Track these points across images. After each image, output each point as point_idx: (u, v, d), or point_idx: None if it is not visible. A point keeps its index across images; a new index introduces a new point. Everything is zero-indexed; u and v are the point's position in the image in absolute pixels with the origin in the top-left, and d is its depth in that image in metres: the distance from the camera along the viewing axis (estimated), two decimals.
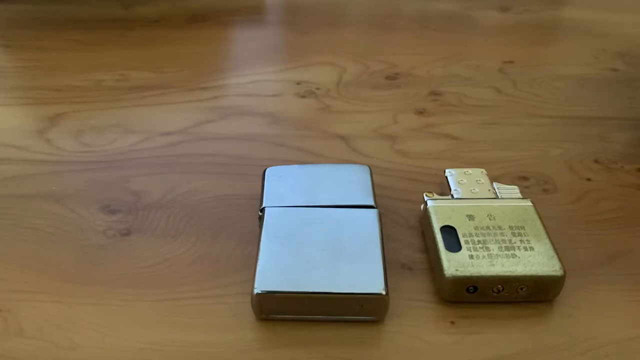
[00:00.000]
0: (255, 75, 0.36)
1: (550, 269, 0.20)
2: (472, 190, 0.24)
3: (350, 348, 0.19)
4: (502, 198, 0.23)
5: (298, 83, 0.35)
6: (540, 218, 0.22)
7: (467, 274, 0.20)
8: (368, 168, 0.25)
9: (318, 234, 0.22)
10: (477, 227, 0.22)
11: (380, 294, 0.19)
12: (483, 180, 0.24)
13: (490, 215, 0.22)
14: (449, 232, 0.22)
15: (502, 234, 0.22)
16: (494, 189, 0.24)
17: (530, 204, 0.23)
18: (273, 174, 0.25)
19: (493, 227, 0.22)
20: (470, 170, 0.25)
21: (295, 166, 0.25)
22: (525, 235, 0.21)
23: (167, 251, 0.23)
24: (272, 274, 0.20)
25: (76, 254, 0.23)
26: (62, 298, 0.21)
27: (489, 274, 0.20)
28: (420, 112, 0.32)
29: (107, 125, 0.31)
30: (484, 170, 0.25)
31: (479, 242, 0.21)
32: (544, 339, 0.20)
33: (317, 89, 0.34)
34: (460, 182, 0.24)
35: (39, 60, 0.37)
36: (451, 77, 0.35)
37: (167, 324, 0.20)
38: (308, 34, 0.41)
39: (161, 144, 0.29)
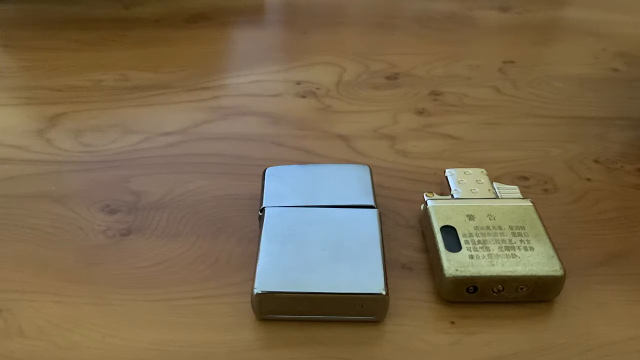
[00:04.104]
0: (255, 75, 0.36)
1: (550, 269, 0.20)
2: (472, 190, 0.24)
3: (350, 348, 0.19)
4: (502, 198, 0.23)
5: (298, 83, 0.35)
6: (540, 218, 0.22)
7: (467, 274, 0.20)
8: (368, 168, 0.25)
9: (318, 234, 0.22)
10: (477, 227, 0.22)
11: (380, 294, 0.19)
12: (483, 180, 0.24)
13: (490, 215, 0.22)
14: (449, 232, 0.22)
15: (502, 234, 0.22)
16: (494, 189, 0.24)
17: (530, 204, 0.23)
18: (273, 174, 0.25)
19: (493, 227, 0.22)
20: (470, 170, 0.25)
21: (295, 166, 0.25)
22: (525, 235, 0.21)
23: (167, 251, 0.23)
24: (272, 274, 0.20)
25: (76, 254, 0.23)
26: (62, 298, 0.21)
27: (489, 274, 0.20)
28: (420, 112, 0.32)
29: (107, 125, 0.31)
30: (484, 170, 0.25)
31: (479, 242, 0.21)
32: (544, 339, 0.20)
33: (317, 89, 0.34)
34: (460, 182, 0.24)
35: (39, 60, 0.37)
36: (451, 77, 0.35)
37: (167, 324, 0.20)
38: (308, 34, 0.41)
39: (161, 144, 0.29)
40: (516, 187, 0.24)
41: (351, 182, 0.24)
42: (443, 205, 0.23)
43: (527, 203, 0.23)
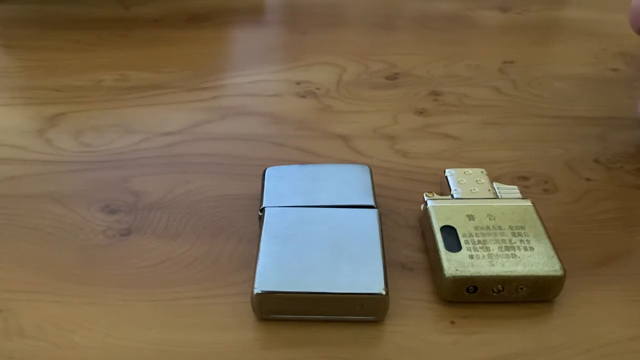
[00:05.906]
0: (255, 75, 0.36)
1: (550, 269, 0.20)
2: (472, 190, 0.24)
3: (350, 348, 0.19)
4: (502, 198, 0.23)
5: (298, 83, 0.35)
6: (540, 218, 0.22)
7: (467, 274, 0.20)
8: (368, 168, 0.25)
9: (318, 234, 0.22)
10: (477, 227, 0.22)
11: (380, 294, 0.19)
12: (483, 180, 0.24)
13: (490, 215, 0.22)
14: (449, 232, 0.22)
15: (502, 234, 0.22)
16: (494, 189, 0.24)
17: (530, 204, 0.23)
18: (273, 174, 0.25)
19: (493, 227, 0.22)
20: (470, 170, 0.25)
21: (295, 166, 0.25)
22: (525, 235, 0.21)
23: (167, 251, 0.23)
24: (272, 274, 0.20)
25: (76, 254, 0.23)
26: (62, 298, 0.21)
27: (489, 274, 0.20)
28: (420, 112, 0.32)
29: (107, 125, 0.31)
30: (484, 170, 0.25)
31: (479, 242, 0.21)
32: (544, 339, 0.20)
33: (317, 89, 0.34)
34: (460, 182, 0.24)
35: (39, 60, 0.37)
36: (451, 77, 0.35)
37: (167, 324, 0.20)
38: (308, 34, 0.41)
39: (161, 144, 0.29)
40: (516, 187, 0.24)
41: (351, 182, 0.24)
42: (443, 205, 0.23)
43: (527, 203, 0.23)
